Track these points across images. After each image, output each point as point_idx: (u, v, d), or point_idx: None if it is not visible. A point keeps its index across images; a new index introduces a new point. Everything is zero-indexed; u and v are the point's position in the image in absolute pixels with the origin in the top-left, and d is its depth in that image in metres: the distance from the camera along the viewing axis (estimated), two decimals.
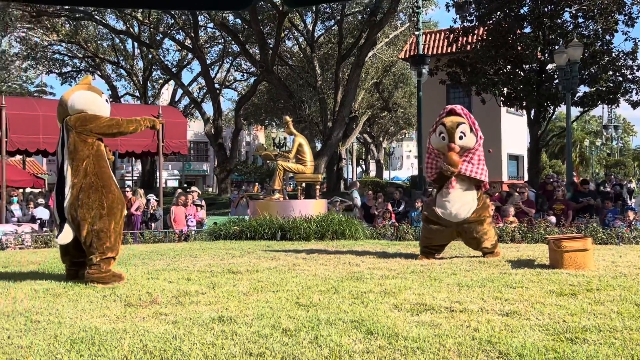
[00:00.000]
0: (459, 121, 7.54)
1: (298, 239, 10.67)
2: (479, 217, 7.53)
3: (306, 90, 34.55)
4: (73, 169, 6.20)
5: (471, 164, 7.56)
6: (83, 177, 6.17)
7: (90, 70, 40.95)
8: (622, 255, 7.59)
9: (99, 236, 6.08)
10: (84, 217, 6.07)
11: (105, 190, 6.21)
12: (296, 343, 3.75)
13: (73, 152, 6.24)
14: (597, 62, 20.26)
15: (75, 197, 6.12)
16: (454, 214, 7.53)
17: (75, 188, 6.14)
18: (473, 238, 7.67)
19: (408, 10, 30.90)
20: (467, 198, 7.56)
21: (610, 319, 4.25)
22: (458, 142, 7.46)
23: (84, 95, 6.47)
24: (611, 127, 52.55)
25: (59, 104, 6.55)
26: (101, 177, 6.25)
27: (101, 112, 6.48)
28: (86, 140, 6.26)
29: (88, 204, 6.09)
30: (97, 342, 3.79)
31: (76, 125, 6.26)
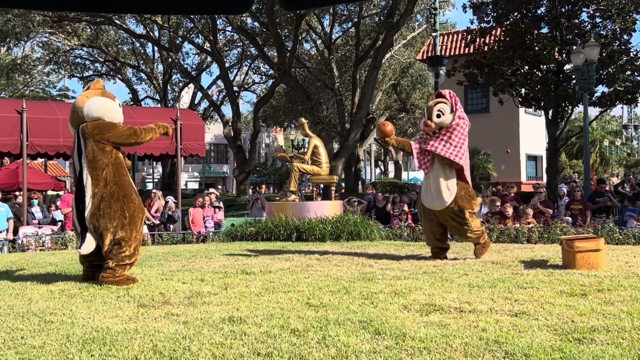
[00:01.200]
0: (438, 101, 7.65)
1: (313, 240, 10.72)
2: (459, 206, 7.54)
3: (324, 92, 34.58)
4: (93, 178, 6.21)
5: (447, 144, 7.52)
6: (104, 187, 6.19)
7: (111, 74, 41.38)
8: (637, 256, 7.53)
9: (120, 245, 6.15)
10: (107, 227, 6.12)
11: (127, 200, 6.25)
12: (304, 343, 3.79)
13: (92, 161, 6.25)
14: (614, 62, 20.06)
15: (96, 207, 6.15)
16: (433, 202, 7.61)
17: (96, 197, 6.17)
18: (454, 227, 7.74)
19: (425, 12, 30.82)
20: (444, 184, 7.56)
21: (620, 319, 4.23)
22: (435, 120, 7.56)
23: (100, 102, 6.43)
24: (631, 126, 51.89)
25: (73, 110, 6.54)
26: (122, 186, 6.28)
27: (117, 119, 6.50)
28: (104, 148, 6.28)
29: (110, 214, 6.13)
30: (108, 342, 3.86)
31: (94, 133, 6.27)
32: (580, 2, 20.37)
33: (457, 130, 7.55)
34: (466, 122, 7.68)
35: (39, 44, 37.75)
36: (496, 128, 27.67)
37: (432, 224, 7.84)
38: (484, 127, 27.71)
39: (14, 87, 39.32)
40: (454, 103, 7.62)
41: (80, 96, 6.67)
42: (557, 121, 21.93)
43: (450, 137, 7.54)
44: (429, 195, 7.67)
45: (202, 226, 12.92)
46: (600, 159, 50.87)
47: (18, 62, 38.27)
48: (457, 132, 7.55)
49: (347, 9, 32.04)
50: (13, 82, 39.09)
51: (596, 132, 51.14)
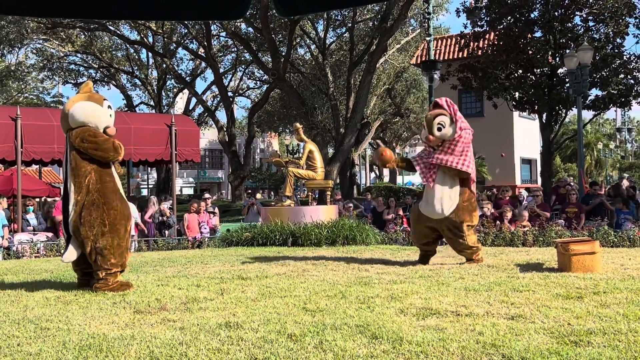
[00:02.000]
0: (438, 113, 7.49)
1: (309, 245, 10.71)
2: (458, 218, 7.44)
3: (318, 97, 34.61)
4: (76, 186, 6.16)
5: (452, 155, 7.41)
6: (86, 194, 6.12)
7: (105, 80, 41.34)
8: (632, 258, 7.56)
9: (102, 253, 6.07)
10: (87, 235, 6.07)
11: (107, 207, 6.14)
12: (301, 348, 3.79)
13: (75, 168, 6.20)
14: (608, 65, 20.15)
15: (78, 215, 6.11)
16: (432, 210, 7.48)
17: (78, 205, 6.11)
18: (450, 238, 7.65)
19: (419, 17, 30.89)
20: (447, 194, 7.44)
21: (616, 321, 4.25)
22: (436, 133, 7.42)
23: (84, 107, 6.30)
24: (624, 129, 52.14)
25: (61, 115, 6.46)
26: (103, 194, 6.17)
27: (102, 124, 6.36)
28: (85, 156, 6.21)
29: (90, 222, 6.06)
30: (104, 349, 3.85)
31: (75, 141, 6.21)
32: (573, 6, 20.48)
33: (459, 142, 7.45)
34: (469, 131, 7.58)
35: (33, 50, 37.75)
36: (490, 132, 27.72)
37: (426, 228, 7.75)
38: (479, 131, 27.53)
39: (8, 93, 39.25)
40: (453, 113, 7.48)
41: (68, 100, 6.60)
42: (551, 124, 22.01)
43: (455, 148, 7.44)
44: (429, 204, 7.53)
45: (198, 232, 12.90)
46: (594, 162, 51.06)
47: (12, 68, 38.22)
48: (459, 143, 7.45)
49: (341, 14, 32.12)
50: (7, 89, 39.02)
51: (590, 135, 51.34)
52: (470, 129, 7.65)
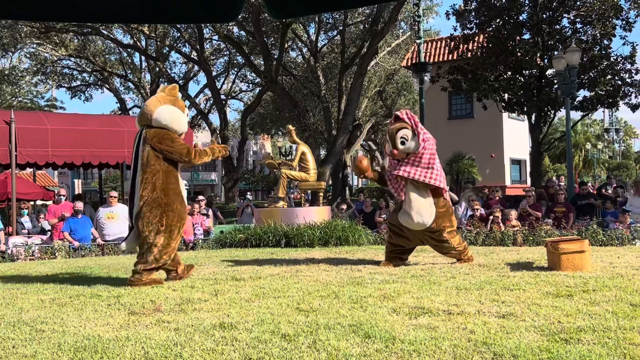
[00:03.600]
0: (400, 127, 7.48)
1: (302, 246, 10.75)
2: (438, 226, 7.45)
3: (310, 99, 34.67)
4: (143, 182, 6.51)
5: (419, 167, 7.40)
6: (151, 191, 6.48)
7: (98, 83, 41.24)
8: (620, 257, 7.64)
9: (150, 249, 6.45)
10: (143, 230, 6.46)
11: (168, 208, 6.50)
12: (295, 348, 3.82)
13: (145, 164, 6.54)
14: (595, 66, 20.32)
15: (140, 209, 6.48)
16: (414, 223, 7.44)
17: (142, 200, 6.48)
18: (436, 246, 7.70)
19: (409, 19, 31.03)
20: (423, 204, 7.43)
21: (605, 319, 4.30)
22: (400, 147, 7.44)
23: (171, 112, 6.66)
24: (612, 130, 52.47)
25: (143, 110, 6.76)
26: (167, 194, 6.53)
27: (181, 131, 6.79)
28: (158, 155, 6.56)
29: (149, 219, 6.44)
30: (99, 350, 3.88)
31: (153, 140, 6.54)
32: (561, 8, 20.64)
33: (424, 154, 7.42)
34: (432, 142, 7.56)
35: (26, 54, 37.61)
36: (480, 133, 27.86)
37: (406, 241, 7.77)
38: (469, 132, 27.92)
39: (2, 97, 39.11)
40: (414, 125, 7.47)
41: (152, 98, 6.87)
42: (540, 125, 22.15)
43: (421, 160, 7.42)
44: (409, 216, 7.47)
45: (192, 233, 12.90)
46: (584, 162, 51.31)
47: (6, 72, 38.08)
48: (424, 155, 7.42)
49: (332, 17, 32.20)
50: (1, 93, 38.87)
51: (579, 135, 51.59)
52: (433, 139, 7.63)
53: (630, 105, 20.87)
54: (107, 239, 12.17)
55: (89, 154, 15.08)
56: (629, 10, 20.59)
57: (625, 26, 20.53)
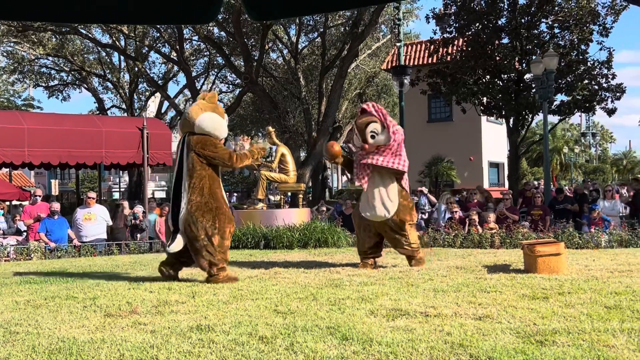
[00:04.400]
0: (368, 120, 7.56)
1: (281, 248, 10.75)
2: (399, 217, 7.54)
3: (291, 101, 34.63)
4: (190, 187, 6.75)
5: (388, 155, 7.49)
6: (199, 196, 6.73)
7: (77, 83, 40.80)
8: (596, 259, 7.73)
9: (209, 251, 6.69)
10: (199, 235, 6.66)
11: (219, 211, 6.79)
12: (272, 350, 3.82)
13: (191, 170, 6.80)
14: (573, 71, 20.55)
15: (190, 214, 6.68)
16: (375, 213, 7.55)
17: (191, 204, 6.69)
18: (393, 238, 7.73)
19: (389, 22, 31.11)
20: (386, 195, 7.54)
21: (580, 321, 4.35)
22: (370, 141, 7.52)
23: (212, 119, 6.95)
24: (589, 134, 53.12)
25: (185, 118, 7.00)
26: (216, 198, 6.83)
27: (222, 136, 7.14)
28: (202, 161, 6.81)
29: (202, 223, 6.66)
30: (74, 353, 3.84)
31: (197, 147, 6.80)
32: (540, 13, 20.85)
33: (395, 146, 7.53)
34: (400, 133, 7.64)
35: (3, 53, 37.05)
36: (459, 136, 28.05)
37: (367, 234, 7.82)
38: (447, 135, 28.09)
39: None
40: (383, 118, 7.55)
41: (194, 106, 7.12)
42: (518, 129, 22.34)
43: (390, 149, 7.52)
44: (371, 207, 7.59)
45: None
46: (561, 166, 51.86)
47: None
48: (393, 146, 7.53)
49: (313, 19, 32.20)
50: None
51: (558, 140, 52.13)
52: (400, 129, 7.72)
53: (606, 110, 21.14)
54: (84, 240, 12.05)
55: (66, 154, 14.95)
56: (605, 16, 20.84)
57: (602, 32, 20.79)
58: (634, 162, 68.61)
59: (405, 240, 7.63)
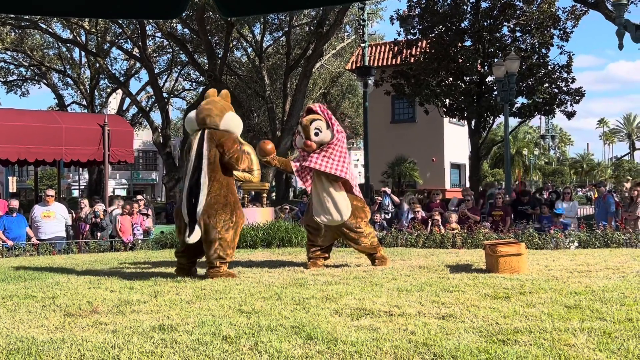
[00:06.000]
0: (313, 118, 7.63)
1: (245, 247, 10.68)
2: (354, 218, 7.59)
3: (255, 99, 34.50)
4: (210, 179, 6.86)
5: (329, 159, 7.51)
6: (219, 189, 6.88)
7: (36, 78, 39.97)
8: (555, 260, 7.87)
9: (222, 245, 6.83)
10: (215, 226, 6.78)
11: (236, 206, 7.00)
12: (236, 350, 3.79)
13: (213, 163, 6.90)
14: (534, 74, 20.94)
15: (210, 206, 6.78)
16: (331, 218, 7.57)
17: (210, 196, 6.81)
18: (352, 239, 7.76)
19: (354, 23, 31.23)
20: (338, 198, 7.57)
21: (541, 320, 4.42)
22: (314, 138, 7.57)
23: (237, 120, 7.30)
24: (548, 137, 54.18)
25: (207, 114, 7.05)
26: (233, 193, 7.06)
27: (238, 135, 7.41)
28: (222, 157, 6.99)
29: (221, 216, 6.81)
30: (33, 353, 3.76)
31: (222, 142, 6.93)
32: (502, 16, 21.18)
33: (337, 145, 7.57)
34: (343, 135, 7.74)
35: None
36: (422, 137, 28.31)
37: (319, 237, 7.82)
38: (410, 136, 28.33)
39: None
40: (328, 118, 7.63)
41: (216, 103, 7.24)
42: (479, 131, 22.67)
43: (332, 152, 7.54)
44: (325, 212, 7.57)
45: (131, 234, 12.64)
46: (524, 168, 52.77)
47: None
48: (337, 146, 7.57)
49: (278, 18, 32.13)
50: None
51: (519, 141, 53.00)
52: (344, 132, 7.82)
53: (566, 113, 21.59)
54: (43, 237, 11.81)
55: (24, 150, 14.61)
56: (566, 21, 21.31)
57: (563, 36, 21.24)
58: (592, 165, 70.31)
59: (364, 239, 7.69)
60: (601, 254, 8.54)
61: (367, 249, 7.80)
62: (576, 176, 68.15)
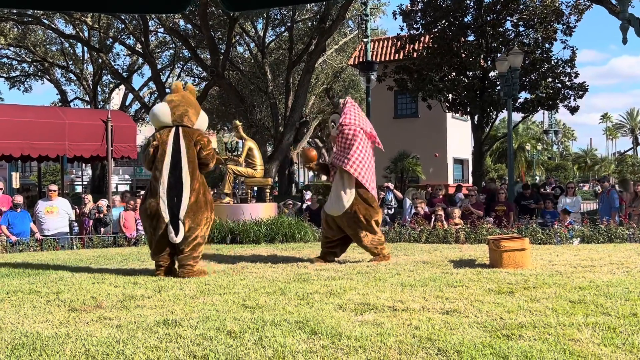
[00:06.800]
0: (333, 112, 7.99)
1: (248, 242, 10.69)
2: (354, 210, 7.60)
3: (257, 95, 34.48)
4: (191, 177, 6.87)
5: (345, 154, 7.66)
6: (199, 186, 6.90)
7: (39, 74, 40.01)
8: (559, 255, 7.86)
9: (200, 243, 6.91)
10: (199, 225, 6.84)
11: (210, 207, 7.05)
12: (240, 345, 3.79)
13: (193, 162, 6.93)
14: (537, 69, 20.89)
15: (192, 203, 6.81)
16: (332, 207, 7.73)
17: (192, 194, 6.83)
18: (352, 234, 7.79)
19: (357, 18, 31.18)
20: (342, 189, 7.67)
21: (545, 315, 4.42)
22: (331, 131, 7.98)
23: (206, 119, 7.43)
24: (551, 132, 54.08)
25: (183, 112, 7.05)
26: (208, 191, 7.15)
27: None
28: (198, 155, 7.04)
29: (202, 214, 6.88)
30: (38, 348, 3.76)
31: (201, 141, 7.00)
32: (505, 11, 21.12)
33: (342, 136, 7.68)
34: (349, 127, 7.66)
35: None
36: (425, 132, 28.29)
37: (330, 230, 7.88)
38: (413, 131, 28.31)
39: None
40: (344, 112, 7.77)
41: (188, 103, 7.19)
42: (482, 126, 22.63)
43: (343, 144, 7.71)
44: (330, 202, 7.82)
45: (134, 229, 12.64)
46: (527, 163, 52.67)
47: None
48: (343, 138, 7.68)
49: (281, 13, 32.10)
50: None
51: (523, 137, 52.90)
52: (353, 124, 7.70)
53: (569, 108, 21.54)
54: (46, 233, 11.81)
55: (28, 146, 14.63)
56: (569, 15, 21.26)
57: (566, 30, 21.18)
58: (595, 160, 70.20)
59: (363, 236, 7.66)
60: (605, 249, 8.54)
61: (368, 248, 7.79)
62: (579, 171, 68.05)
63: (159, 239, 6.84)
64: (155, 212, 6.82)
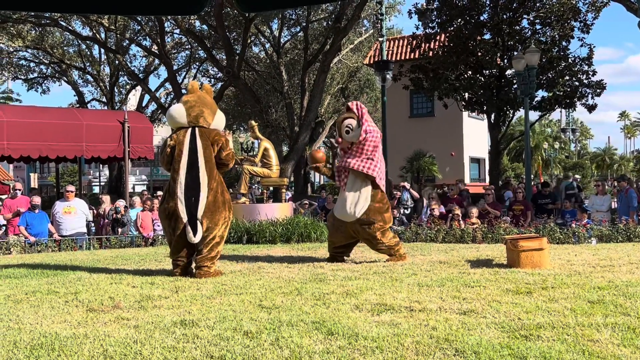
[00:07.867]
0: (346, 116, 7.77)
1: (264, 242, 10.71)
2: (368, 217, 7.56)
3: (273, 95, 34.55)
4: (209, 176, 6.88)
5: (359, 158, 7.61)
6: (216, 186, 6.91)
7: (56, 76, 40.35)
8: (578, 254, 7.79)
9: (218, 243, 6.90)
10: (217, 224, 6.84)
11: (228, 206, 7.06)
12: (257, 345, 3.79)
13: (210, 161, 6.94)
14: (554, 67, 20.68)
15: (211, 203, 6.82)
16: (344, 213, 7.64)
17: (210, 194, 6.83)
18: (366, 239, 7.78)
19: (372, 17, 31.12)
20: (357, 196, 7.60)
21: (564, 315, 4.38)
22: (345, 136, 7.71)
23: (223, 118, 7.46)
24: (568, 130, 53.66)
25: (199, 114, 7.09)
26: (227, 190, 7.13)
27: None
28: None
29: (220, 213, 6.88)
30: (57, 348, 3.79)
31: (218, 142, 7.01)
32: (521, 9, 20.95)
33: (369, 145, 7.60)
34: (374, 134, 7.68)
35: None
36: (441, 131, 28.17)
37: (339, 234, 7.86)
38: (429, 131, 28.20)
39: None
40: (360, 116, 7.67)
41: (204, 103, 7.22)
42: (499, 125, 22.47)
43: (362, 150, 7.61)
44: (342, 207, 7.70)
45: (151, 229, 12.71)
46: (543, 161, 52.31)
47: None
48: (367, 144, 7.60)
49: (296, 13, 32.13)
50: None
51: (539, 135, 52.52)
52: (377, 131, 7.76)
53: (586, 106, 21.32)
54: (64, 234, 11.91)
55: (45, 147, 14.76)
56: (586, 13, 21.03)
57: (583, 28, 20.96)
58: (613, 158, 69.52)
59: (377, 241, 7.65)
60: (624, 249, 8.45)
61: (383, 252, 7.79)
62: (597, 170, 67.43)
63: (177, 239, 6.87)
64: (174, 213, 6.84)
